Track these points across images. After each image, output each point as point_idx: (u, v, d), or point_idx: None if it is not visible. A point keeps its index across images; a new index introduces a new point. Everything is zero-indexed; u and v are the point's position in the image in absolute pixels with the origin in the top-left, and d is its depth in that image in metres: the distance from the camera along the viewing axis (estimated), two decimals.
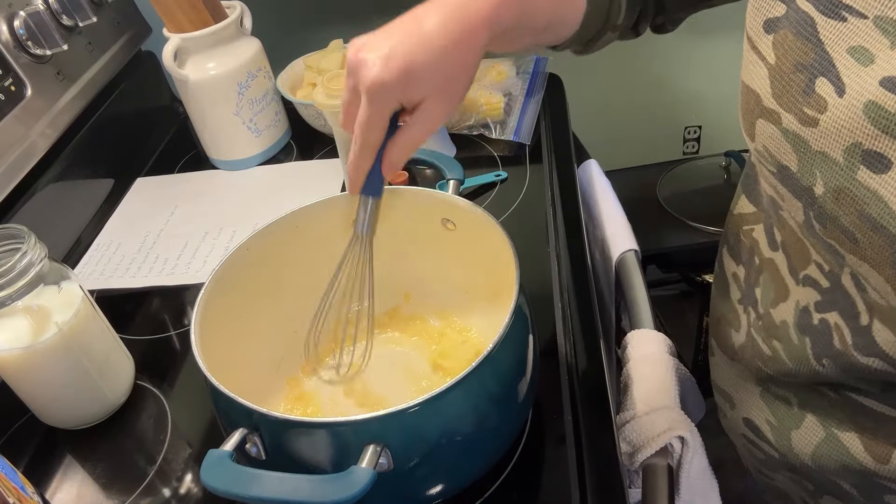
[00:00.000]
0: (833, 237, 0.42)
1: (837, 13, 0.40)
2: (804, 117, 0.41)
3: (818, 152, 0.41)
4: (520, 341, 0.51)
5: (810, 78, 0.41)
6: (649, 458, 0.59)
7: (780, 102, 0.43)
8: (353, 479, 0.40)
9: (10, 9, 0.78)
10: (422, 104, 0.48)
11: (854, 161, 0.39)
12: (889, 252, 0.38)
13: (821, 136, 0.41)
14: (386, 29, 0.48)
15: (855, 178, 0.39)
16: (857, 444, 0.51)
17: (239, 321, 0.56)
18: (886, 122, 0.37)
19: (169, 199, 0.93)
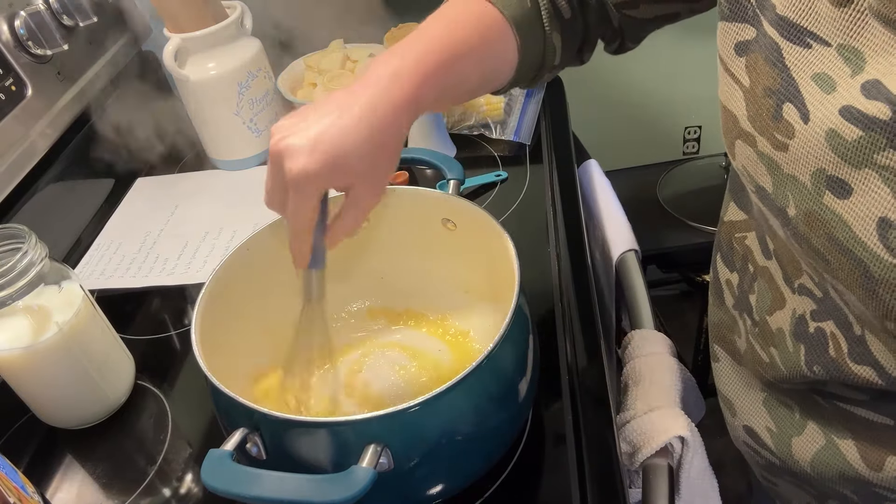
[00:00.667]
0: (809, 256, 0.43)
1: (803, 40, 0.40)
2: (775, 142, 0.42)
3: (789, 175, 0.42)
4: (520, 341, 0.51)
5: (778, 103, 0.41)
6: (649, 458, 0.59)
7: (754, 126, 0.44)
8: (354, 479, 0.40)
9: (10, 9, 0.78)
10: (350, 191, 0.47)
11: (820, 186, 0.40)
12: (858, 274, 0.39)
13: (790, 160, 0.41)
14: (306, 113, 0.47)
15: (822, 202, 0.40)
16: (854, 451, 0.51)
17: (239, 321, 0.56)
18: (845, 150, 0.38)
19: (169, 199, 0.93)
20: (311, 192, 0.45)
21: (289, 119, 0.47)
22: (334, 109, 0.46)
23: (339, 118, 0.45)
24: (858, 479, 0.52)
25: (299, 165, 0.44)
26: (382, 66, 0.48)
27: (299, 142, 0.44)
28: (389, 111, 0.46)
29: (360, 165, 0.46)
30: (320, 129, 0.45)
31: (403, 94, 0.47)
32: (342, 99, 0.46)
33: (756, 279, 0.56)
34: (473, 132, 0.93)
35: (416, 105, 0.48)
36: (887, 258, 0.37)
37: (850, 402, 0.51)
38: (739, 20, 0.44)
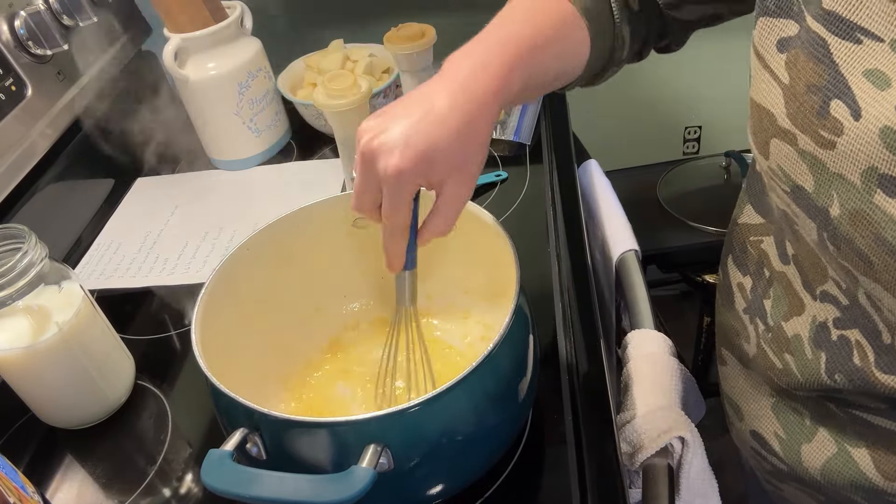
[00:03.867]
0: (847, 259, 0.42)
1: (852, 35, 0.39)
2: (820, 139, 0.41)
3: (835, 174, 0.40)
4: (520, 341, 0.51)
5: (824, 100, 0.40)
6: (649, 458, 0.59)
7: (795, 123, 0.42)
8: (354, 479, 0.40)
9: (10, 9, 0.78)
10: (444, 187, 0.47)
11: (871, 184, 0.39)
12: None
13: (838, 158, 0.40)
14: (394, 111, 0.46)
15: (872, 201, 0.39)
16: (868, 460, 0.51)
17: (239, 321, 0.56)
18: None
19: (169, 199, 0.93)
20: (406, 190, 0.45)
21: (375, 118, 0.46)
22: (422, 103, 0.45)
23: (428, 112, 0.45)
24: (872, 488, 0.51)
25: (393, 163, 0.44)
26: (466, 58, 0.47)
27: (391, 139, 0.44)
28: (479, 101, 0.46)
29: (454, 158, 0.45)
30: (411, 125, 0.44)
31: (491, 83, 0.46)
32: (429, 92, 0.46)
33: (772, 284, 0.55)
34: None
35: (503, 94, 0.47)
36: None
37: (868, 410, 0.50)
38: (784, 15, 0.43)
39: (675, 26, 0.61)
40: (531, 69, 0.50)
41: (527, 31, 0.50)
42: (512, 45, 0.49)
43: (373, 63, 0.95)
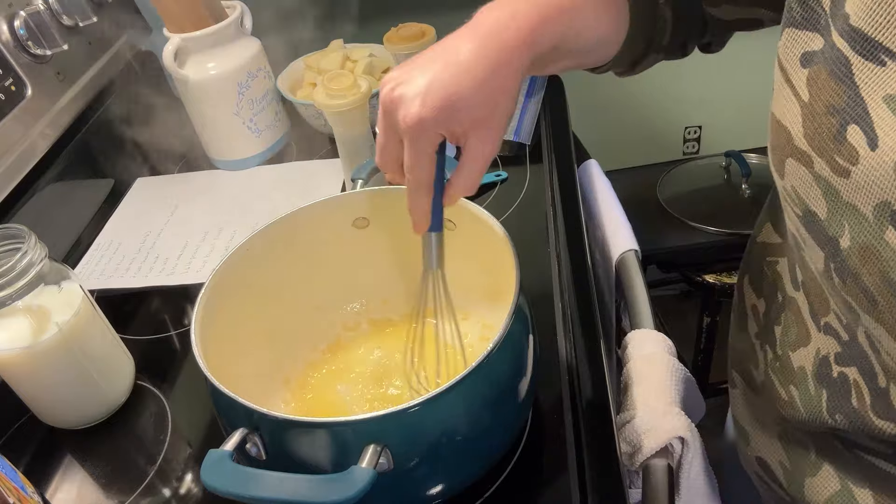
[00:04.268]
0: (851, 294, 0.40)
1: (876, 56, 0.36)
2: (836, 166, 0.38)
3: (848, 204, 0.38)
4: (520, 341, 0.51)
5: (842, 123, 0.37)
6: (649, 459, 0.59)
7: (811, 145, 0.40)
8: (353, 479, 0.40)
9: (10, 9, 0.78)
10: (468, 140, 0.45)
11: (883, 220, 0.36)
12: None
13: (852, 187, 0.37)
14: (417, 61, 0.45)
15: (883, 237, 0.36)
16: (871, 502, 0.50)
17: (239, 321, 0.56)
18: None
19: (169, 199, 0.93)
20: (427, 141, 0.44)
21: (398, 69, 0.45)
22: (447, 52, 0.44)
23: (452, 60, 0.43)
24: None
25: (413, 113, 0.43)
26: (495, 9, 0.46)
27: (412, 89, 0.43)
28: (507, 49, 0.44)
29: (477, 110, 0.44)
30: (433, 74, 0.43)
31: (520, 32, 0.44)
32: (454, 41, 0.45)
33: (783, 310, 0.53)
34: None
35: (533, 46, 0.45)
36: None
37: (873, 452, 0.48)
38: (811, 28, 0.40)
39: (714, 24, 0.58)
40: (564, 27, 0.47)
41: None
42: (550, 2, 0.47)
43: (373, 63, 0.95)
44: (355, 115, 0.76)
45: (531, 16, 0.45)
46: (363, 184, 0.63)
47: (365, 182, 0.64)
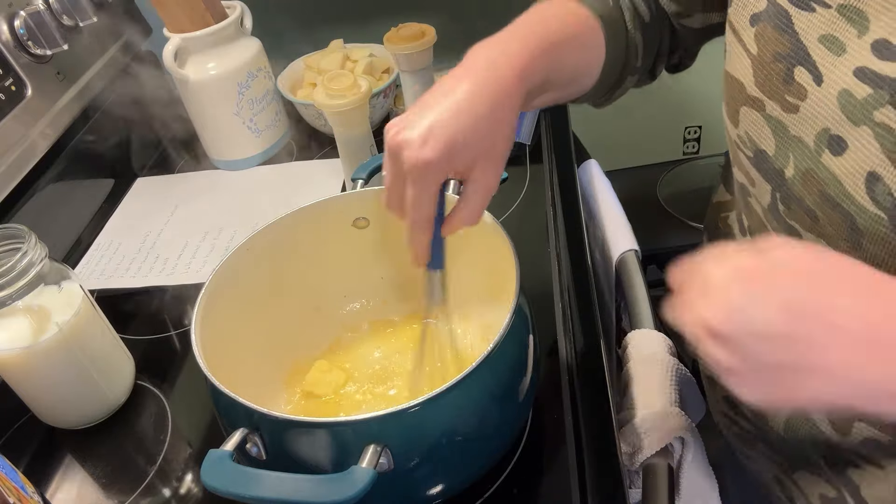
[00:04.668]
0: (795, 218, 0.45)
1: (808, 4, 0.42)
2: (786, 104, 0.44)
3: (794, 137, 0.44)
4: (520, 341, 0.51)
5: (788, 67, 0.44)
6: (649, 458, 0.59)
7: (763, 90, 0.46)
8: (354, 479, 0.40)
9: (10, 8, 0.78)
10: (470, 175, 0.47)
11: (821, 145, 0.42)
12: (844, 227, 0.41)
13: (799, 121, 0.44)
14: (419, 106, 0.46)
15: (820, 160, 0.42)
16: (823, 416, 0.53)
17: (239, 321, 0.56)
18: (852, 108, 0.39)
19: (169, 199, 0.93)
20: (430, 180, 0.45)
21: (403, 116, 0.46)
22: (445, 94, 0.46)
23: (451, 102, 0.45)
24: (828, 442, 0.53)
25: (415, 155, 0.44)
26: (485, 49, 0.48)
27: (416, 133, 0.44)
28: (502, 87, 0.46)
29: (478, 146, 0.45)
30: (434, 116, 0.45)
31: (513, 70, 0.47)
32: (451, 83, 0.46)
33: None
34: None
35: (525, 81, 0.48)
36: (872, 210, 0.39)
37: None
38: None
39: (686, 37, 0.62)
40: (551, 62, 0.51)
41: (543, 29, 0.51)
42: (532, 37, 0.50)
43: (373, 63, 0.95)
44: (355, 115, 0.76)
45: (522, 53, 0.48)
46: (363, 184, 0.63)
47: (365, 182, 0.64)
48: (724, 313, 0.33)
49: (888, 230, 0.39)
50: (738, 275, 0.34)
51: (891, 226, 0.38)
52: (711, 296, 0.34)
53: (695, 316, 0.35)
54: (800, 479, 0.58)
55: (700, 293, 0.35)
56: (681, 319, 0.37)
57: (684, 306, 0.36)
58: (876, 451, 0.51)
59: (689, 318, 0.35)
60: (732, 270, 0.34)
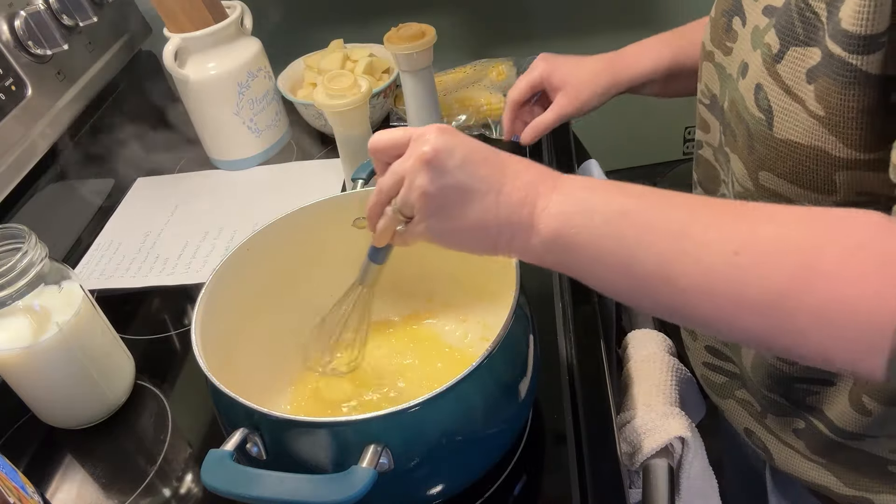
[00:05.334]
0: (729, 144, 0.53)
1: None
2: (725, 49, 0.53)
3: (728, 75, 0.52)
4: (520, 341, 0.51)
5: (728, 19, 0.52)
6: (649, 459, 0.59)
7: (713, 43, 0.55)
8: (354, 479, 0.40)
9: (10, 8, 0.78)
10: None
11: (739, 74, 0.49)
12: (746, 136, 0.48)
13: (731, 61, 0.52)
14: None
15: (737, 87, 0.49)
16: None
17: (239, 321, 0.56)
18: (754, 38, 0.48)
19: (169, 199, 0.93)
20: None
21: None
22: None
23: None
24: (781, 375, 0.56)
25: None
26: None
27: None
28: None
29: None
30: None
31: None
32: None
33: None
34: (474, 132, 0.93)
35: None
36: (757, 114, 0.46)
37: None
38: None
39: None
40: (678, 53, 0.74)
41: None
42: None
43: (373, 63, 0.95)
44: (355, 115, 0.76)
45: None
46: (363, 184, 0.63)
47: (365, 182, 0.64)
48: (434, 146, 0.42)
49: (766, 128, 0.46)
50: (439, 128, 0.43)
51: (767, 125, 0.46)
52: (424, 139, 0.43)
53: (414, 153, 0.43)
54: (772, 423, 0.60)
55: (415, 141, 0.44)
56: (399, 165, 0.44)
57: (406, 154, 0.44)
58: (823, 371, 0.53)
59: (408, 160, 0.43)
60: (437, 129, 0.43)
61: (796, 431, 0.59)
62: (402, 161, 0.44)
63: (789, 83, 0.44)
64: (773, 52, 0.45)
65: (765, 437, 0.62)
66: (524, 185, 0.43)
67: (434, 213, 0.44)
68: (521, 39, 1.27)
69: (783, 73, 0.44)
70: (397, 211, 0.46)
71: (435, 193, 0.43)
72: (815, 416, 0.56)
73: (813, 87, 0.43)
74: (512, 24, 1.24)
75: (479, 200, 0.43)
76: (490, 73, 0.97)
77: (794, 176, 0.46)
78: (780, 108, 0.45)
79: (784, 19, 0.44)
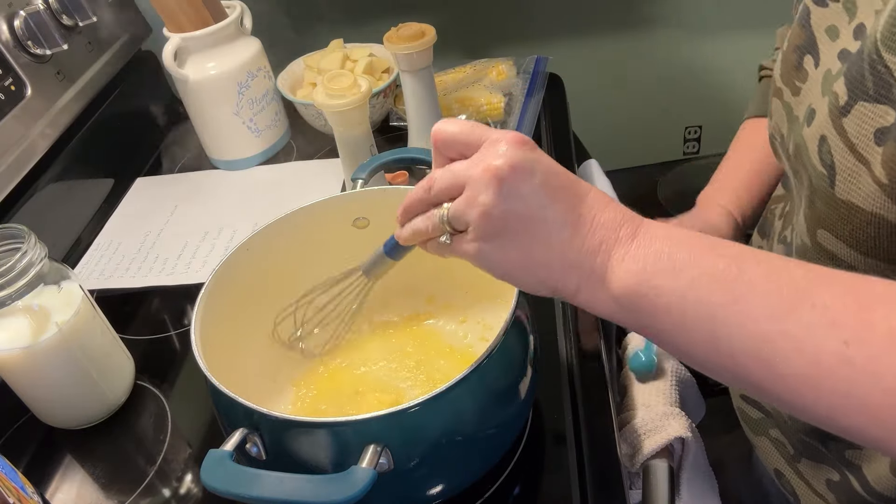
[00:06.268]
0: (796, 188, 0.51)
1: (823, 1, 0.48)
2: (794, 88, 0.50)
3: (795, 117, 0.50)
4: (519, 341, 0.51)
5: (800, 56, 0.49)
6: (650, 459, 0.59)
7: (783, 80, 0.52)
8: (354, 480, 0.40)
9: (10, 8, 0.78)
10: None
11: (805, 119, 0.47)
12: (807, 188, 0.46)
13: (799, 102, 0.49)
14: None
15: (802, 133, 0.47)
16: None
17: (239, 321, 0.56)
18: (825, 83, 0.45)
19: (169, 199, 0.93)
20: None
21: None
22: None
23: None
24: None
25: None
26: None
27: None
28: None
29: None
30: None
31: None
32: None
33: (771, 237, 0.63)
34: None
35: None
36: (819, 168, 0.44)
37: None
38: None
39: None
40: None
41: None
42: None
43: (373, 63, 0.95)
44: (355, 115, 0.76)
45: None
46: (363, 184, 0.63)
47: (365, 182, 0.64)
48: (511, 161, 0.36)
49: (827, 185, 0.43)
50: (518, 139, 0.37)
51: (829, 181, 0.43)
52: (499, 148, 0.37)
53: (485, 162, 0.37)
54: (805, 467, 0.59)
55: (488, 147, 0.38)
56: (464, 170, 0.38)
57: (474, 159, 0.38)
58: None
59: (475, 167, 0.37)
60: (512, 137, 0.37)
61: (829, 483, 0.57)
62: (469, 166, 0.38)
63: (855, 141, 0.40)
64: (840, 103, 0.41)
65: (795, 482, 0.60)
66: (602, 226, 0.37)
67: (491, 238, 0.38)
68: (520, 39, 1.27)
69: (849, 129, 0.40)
70: (446, 221, 0.40)
71: (499, 217, 0.37)
72: (851, 471, 0.54)
73: (881, 151, 0.38)
74: (512, 24, 1.24)
75: (548, 236, 0.37)
76: (490, 72, 0.97)
77: (854, 241, 0.42)
78: (843, 166, 0.41)
79: (855, 69, 0.40)
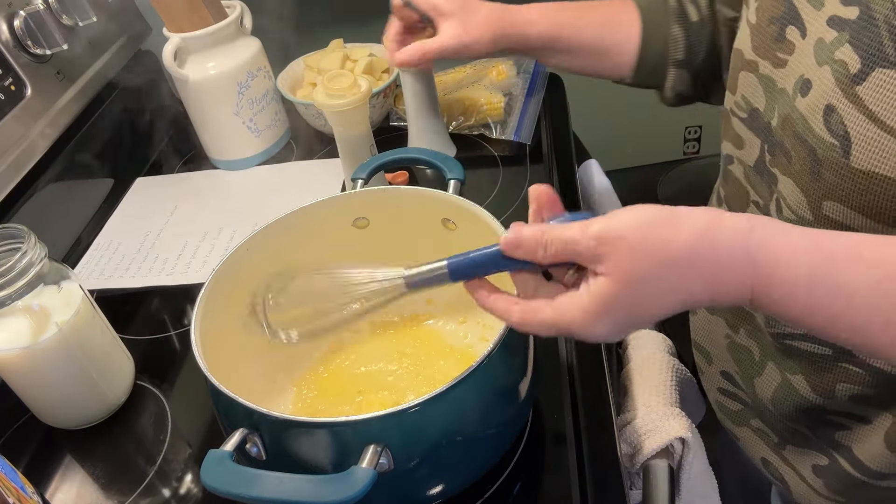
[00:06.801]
0: (776, 164, 0.50)
1: None
2: (776, 60, 0.49)
3: (780, 89, 0.49)
4: (519, 341, 0.51)
5: (781, 27, 0.48)
6: (650, 459, 0.59)
7: (757, 53, 0.51)
8: (354, 480, 0.40)
9: (9, 8, 0.78)
10: None
11: (796, 91, 0.46)
12: (808, 160, 0.45)
13: (785, 74, 0.48)
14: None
15: (794, 104, 0.46)
16: (804, 384, 0.54)
17: (239, 321, 0.56)
18: (820, 52, 0.44)
19: (169, 199, 0.93)
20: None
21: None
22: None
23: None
24: (813, 408, 0.54)
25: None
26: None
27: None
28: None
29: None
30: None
31: None
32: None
33: None
34: (473, 132, 0.93)
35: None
36: (829, 139, 0.43)
37: (793, 337, 0.54)
38: None
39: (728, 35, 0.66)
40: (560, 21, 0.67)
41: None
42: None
43: (373, 63, 0.95)
44: (355, 115, 0.76)
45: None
46: (363, 184, 0.63)
47: (365, 182, 0.64)
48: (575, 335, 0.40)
49: (840, 156, 0.43)
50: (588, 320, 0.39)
51: (842, 152, 0.42)
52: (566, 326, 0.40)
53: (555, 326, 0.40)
54: (790, 454, 0.59)
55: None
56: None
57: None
58: (863, 406, 0.52)
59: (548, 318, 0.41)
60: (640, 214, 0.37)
61: (815, 468, 0.57)
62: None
63: (874, 109, 0.40)
64: (852, 71, 0.41)
65: (782, 468, 0.61)
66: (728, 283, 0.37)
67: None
68: None
69: (866, 97, 0.40)
70: (573, 275, 0.40)
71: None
72: (840, 452, 0.55)
73: None
74: None
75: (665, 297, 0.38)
76: (490, 72, 0.97)
77: (873, 210, 0.43)
78: (860, 135, 0.41)
79: (867, 35, 0.40)
